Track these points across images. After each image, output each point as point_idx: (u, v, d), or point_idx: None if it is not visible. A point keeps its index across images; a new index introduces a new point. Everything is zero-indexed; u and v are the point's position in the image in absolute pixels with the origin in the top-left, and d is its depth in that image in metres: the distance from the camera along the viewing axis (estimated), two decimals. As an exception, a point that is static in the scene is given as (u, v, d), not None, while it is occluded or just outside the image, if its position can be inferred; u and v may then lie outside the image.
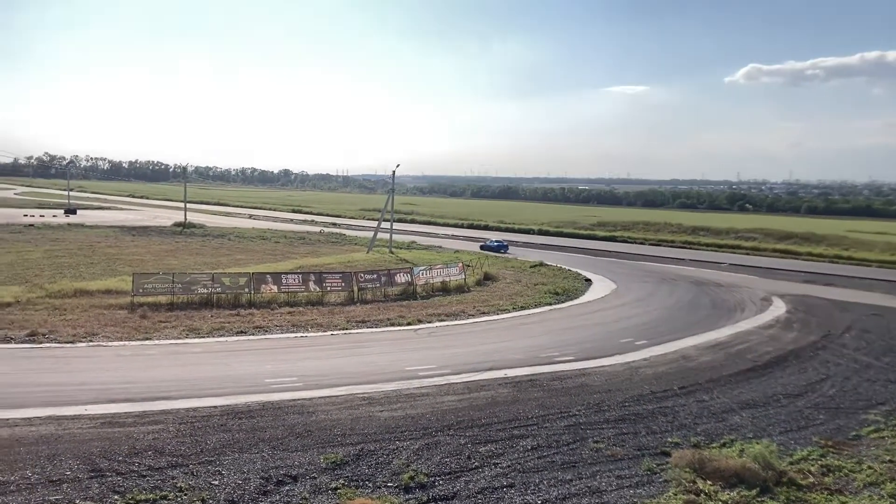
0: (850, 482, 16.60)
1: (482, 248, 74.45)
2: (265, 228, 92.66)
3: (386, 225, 72.32)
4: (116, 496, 14.07)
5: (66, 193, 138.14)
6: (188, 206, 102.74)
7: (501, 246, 74.34)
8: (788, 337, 33.60)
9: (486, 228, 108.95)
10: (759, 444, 17.79)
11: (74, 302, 34.23)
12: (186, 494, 14.30)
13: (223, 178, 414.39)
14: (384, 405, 20.93)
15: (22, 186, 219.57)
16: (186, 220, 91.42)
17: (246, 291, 37.28)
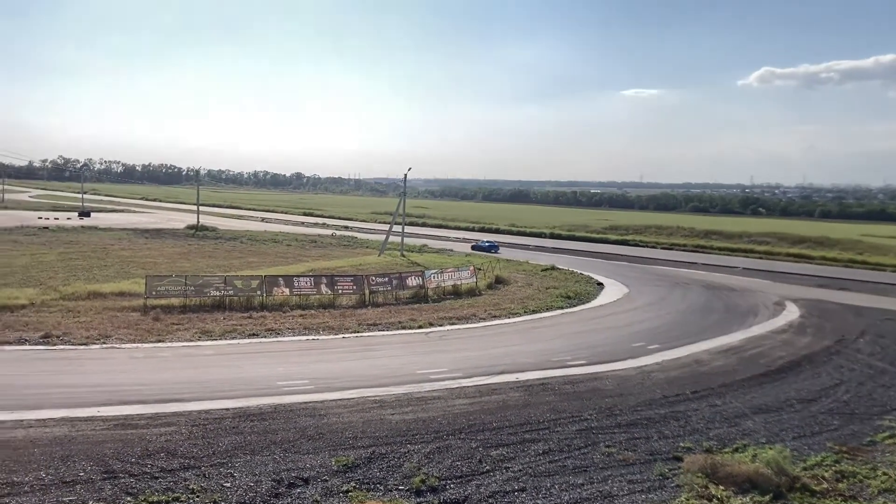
0: (864, 488, 16.46)
1: (473, 248, 78.78)
2: (277, 231, 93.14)
3: (397, 228, 72.45)
4: (129, 497, 14.16)
5: (80, 196, 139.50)
6: (201, 209, 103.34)
7: (492, 246, 78.36)
8: (802, 342, 33.37)
9: (497, 232, 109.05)
10: (772, 449, 17.67)
11: (88, 304, 34.49)
12: (199, 496, 14.37)
13: (236, 181, 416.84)
14: (395, 408, 20.95)
15: (37, 189, 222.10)
16: (199, 222, 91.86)
17: (258, 294, 37.45)
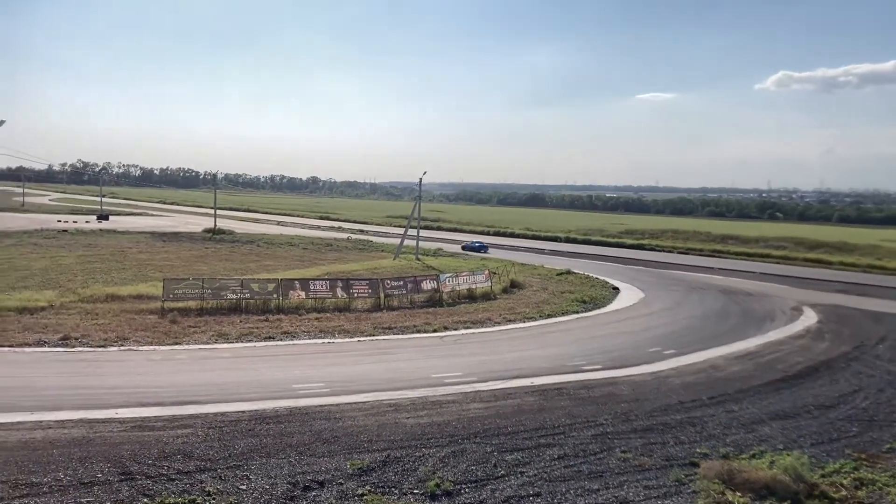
0: (883, 496, 16.26)
1: (464, 248, 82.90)
2: (293, 235, 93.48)
3: (413, 232, 72.54)
4: (146, 499, 14.27)
5: (98, 199, 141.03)
6: (218, 212, 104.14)
7: (482, 247, 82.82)
8: (820, 347, 33.04)
9: (512, 236, 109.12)
10: (789, 455, 17.47)
11: (106, 307, 34.79)
12: (215, 498, 14.46)
13: (252, 184, 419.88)
14: (410, 412, 20.97)
15: (56, 193, 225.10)
16: (216, 226, 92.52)
17: (274, 297, 37.63)
